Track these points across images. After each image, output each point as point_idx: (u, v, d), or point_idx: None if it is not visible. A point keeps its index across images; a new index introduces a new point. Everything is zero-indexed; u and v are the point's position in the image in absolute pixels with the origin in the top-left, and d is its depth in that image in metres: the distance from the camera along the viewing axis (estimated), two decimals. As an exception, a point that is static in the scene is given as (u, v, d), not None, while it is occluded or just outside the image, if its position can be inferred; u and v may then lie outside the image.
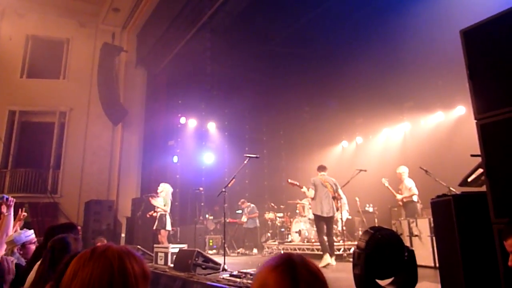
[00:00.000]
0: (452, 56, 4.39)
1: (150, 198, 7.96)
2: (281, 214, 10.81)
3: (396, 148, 11.18)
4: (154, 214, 8.60)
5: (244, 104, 12.78)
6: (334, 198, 6.99)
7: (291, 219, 10.11)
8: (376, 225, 3.24)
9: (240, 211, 11.13)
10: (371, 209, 9.55)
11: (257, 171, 13.20)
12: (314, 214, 7.05)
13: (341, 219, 8.56)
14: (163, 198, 7.85)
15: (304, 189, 7.10)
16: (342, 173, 9.15)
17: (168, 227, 7.97)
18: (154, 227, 8.01)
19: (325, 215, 6.76)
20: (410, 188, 7.41)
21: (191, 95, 12.23)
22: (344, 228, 8.51)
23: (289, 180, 7.34)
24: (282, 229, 10.47)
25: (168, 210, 7.81)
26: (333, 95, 11.13)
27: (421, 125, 10.73)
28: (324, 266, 6.46)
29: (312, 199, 7.00)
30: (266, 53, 10.33)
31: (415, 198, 7.41)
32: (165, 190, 7.81)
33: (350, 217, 9.53)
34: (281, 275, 0.86)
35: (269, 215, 10.79)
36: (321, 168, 7.30)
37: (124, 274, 0.85)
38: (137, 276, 0.88)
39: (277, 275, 0.86)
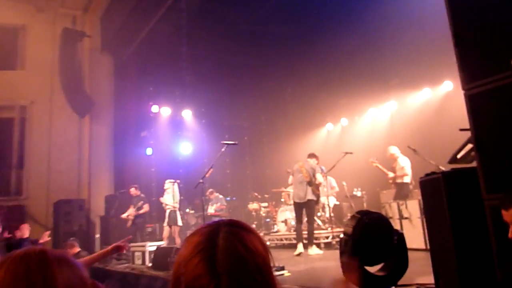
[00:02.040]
0: (438, 29, 4.38)
1: (160, 198, 8.79)
2: (265, 204, 10.99)
3: (383, 129, 11.35)
4: (130, 217, 8.62)
5: (222, 89, 12.70)
6: (309, 183, 7.07)
7: (276, 209, 10.30)
8: (365, 209, 3.23)
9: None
10: (359, 193, 9.74)
11: (239, 159, 13.31)
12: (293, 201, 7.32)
13: (328, 205, 8.70)
14: (172, 195, 8.46)
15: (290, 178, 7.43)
16: (328, 157, 9.22)
17: (179, 222, 8.68)
18: (165, 223, 8.49)
19: (297, 200, 6.96)
20: (403, 167, 7.43)
21: (163, 81, 12.06)
22: (332, 214, 8.59)
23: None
24: (268, 220, 10.67)
25: (178, 206, 8.64)
26: (315, 75, 11.12)
27: (408, 103, 10.92)
28: (298, 255, 6.68)
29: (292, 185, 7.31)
30: (243, 33, 10.21)
31: (406, 179, 7.45)
32: (170, 187, 8.42)
33: (338, 202, 9.65)
34: (198, 260, 0.73)
35: (253, 206, 10.88)
36: (310, 155, 7.49)
37: (47, 284, 0.76)
38: (72, 286, 0.79)
39: (194, 259, 0.74)
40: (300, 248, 6.78)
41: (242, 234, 0.79)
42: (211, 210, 10.58)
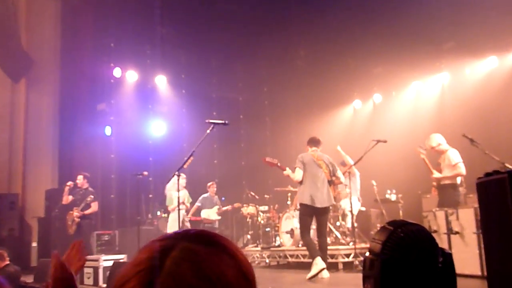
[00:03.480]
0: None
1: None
2: (265, 208, 10.82)
3: (430, 109, 11.28)
4: (75, 217, 8.54)
5: (210, 49, 12.53)
6: (330, 182, 7.16)
7: (280, 214, 10.08)
8: (399, 219, 3.19)
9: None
10: (393, 197, 9.57)
11: (230, 145, 13.23)
12: (300, 204, 7.21)
13: (351, 211, 8.64)
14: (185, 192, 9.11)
15: (288, 171, 7.25)
16: (354, 145, 9.20)
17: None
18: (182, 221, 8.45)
19: (318, 205, 6.91)
20: (456, 164, 7.22)
21: (129, 35, 11.91)
22: (355, 224, 8.56)
23: (266, 159, 7.52)
24: (268, 229, 10.53)
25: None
26: (340, 34, 11.02)
27: (465, 75, 10.79)
28: (314, 276, 6.56)
29: (300, 182, 7.17)
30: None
31: (459, 180, 7.35)
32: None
33: (363, 208, 9.61)
34: (133, 284, 0.73)
35: (249, 209, 10.84)
36: (313, 142, 7.46)
37: None
38: None
39: (129, 283, 0.73)
40: (319, 263, 6.62)
41: (202, 255, 0.76)
42: (204, 214, 10.56)
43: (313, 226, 7.40)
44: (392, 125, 11.57)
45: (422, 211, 8.25)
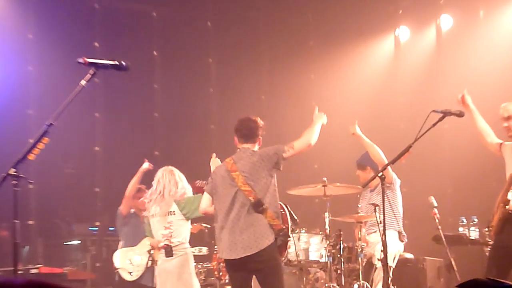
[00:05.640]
0: None
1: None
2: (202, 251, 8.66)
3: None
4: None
5: None
6: (258, 206, 5.38)
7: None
8: (488, 278, 2.42)
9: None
10: (475, 232, 8.03)
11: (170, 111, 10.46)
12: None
13: (383, 259, 5.64)
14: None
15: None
16: (390, 120, 9.03)
17: None
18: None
19: (225, 256, 5.60)
20: None
21: None
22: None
23: (197, 183, 6.56)
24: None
25: None
26: None
27: None
28: None
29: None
30: None
31: None
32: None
33: (410, 256, 7.31)
34: None
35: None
36: (244, 134, 5.71)
37: None
38: None
39: None
40: None
41: None
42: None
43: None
44: (464, 78, 8.84)
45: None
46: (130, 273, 7.49)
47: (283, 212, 5.54)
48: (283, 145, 5.31)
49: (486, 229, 6.52)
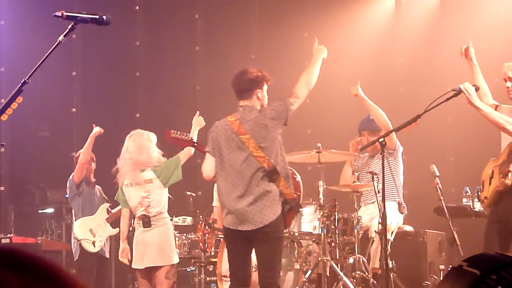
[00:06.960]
0: None
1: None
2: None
3: None
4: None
5: None
6: (273, 173, 5.06)
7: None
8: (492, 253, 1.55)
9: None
10: (479, 206, 7.00)
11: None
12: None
13: (380, 232, 5.85)
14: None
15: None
16: (393, 84, 8.90)
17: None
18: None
19: (234, 226, 5.20)
20: None
21: None
22: (390, 264, 5.87)
23: (172, 134, 5.90)
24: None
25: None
26: None
27: None
28: None
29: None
30: None
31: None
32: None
33: (410, 228, 7.02)
34: None
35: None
36: (241, 89, 5.35)
37: None
38: None
39: None
40: None
41: None
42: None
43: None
44: (480, 34, 8.49)
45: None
46: (93, 243, 7.19)
47: (296, 179, 5.38)
48: (287, 98, 5.04)
49: (477, 200, 6.46)
